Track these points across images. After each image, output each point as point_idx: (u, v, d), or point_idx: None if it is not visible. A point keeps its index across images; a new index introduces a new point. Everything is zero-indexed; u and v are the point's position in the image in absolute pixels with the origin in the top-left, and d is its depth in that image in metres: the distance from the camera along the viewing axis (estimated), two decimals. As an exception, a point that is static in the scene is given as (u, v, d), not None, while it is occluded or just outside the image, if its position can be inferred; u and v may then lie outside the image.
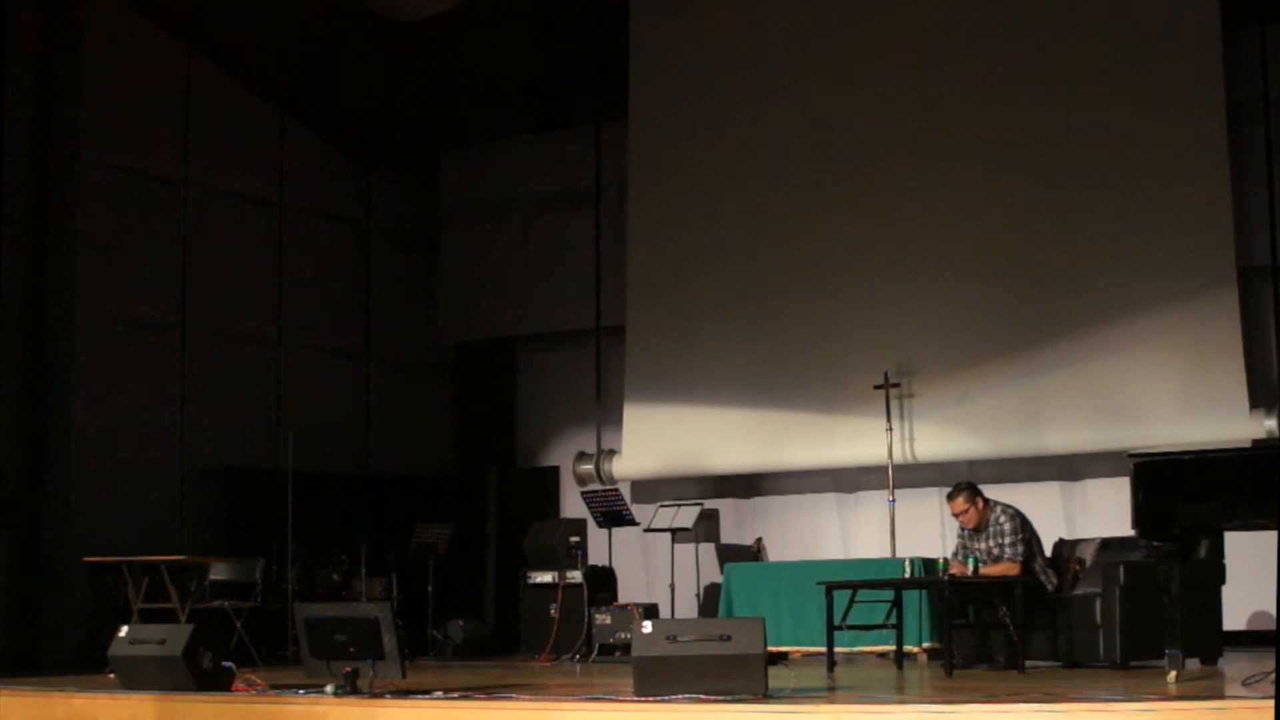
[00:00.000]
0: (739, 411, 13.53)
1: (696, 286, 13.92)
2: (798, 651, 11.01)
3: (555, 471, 15.01)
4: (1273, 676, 6.82)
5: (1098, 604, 9.27)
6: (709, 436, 13.68)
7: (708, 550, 13.23)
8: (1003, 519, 9.65)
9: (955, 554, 9.83)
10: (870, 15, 13.51)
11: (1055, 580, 9.65)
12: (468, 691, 7.80)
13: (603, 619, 11.98)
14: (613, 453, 14.29)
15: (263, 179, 14.69)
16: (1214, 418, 11.63)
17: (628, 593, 12.79)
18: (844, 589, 9.70)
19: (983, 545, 9.70)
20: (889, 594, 9.77)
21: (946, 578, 9.31)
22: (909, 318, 12.92)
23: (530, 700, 7.27)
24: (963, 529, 9.88)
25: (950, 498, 9.89)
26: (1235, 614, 10.31)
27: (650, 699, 7.06)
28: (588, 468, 14.38)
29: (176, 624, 9.87)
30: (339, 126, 15.26)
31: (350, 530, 13.26)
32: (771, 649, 8.37)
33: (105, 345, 13.21)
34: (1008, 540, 9.57)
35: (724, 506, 13.83)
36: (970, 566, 9.47)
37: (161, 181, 13.79)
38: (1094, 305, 12.35)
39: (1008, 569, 9.49)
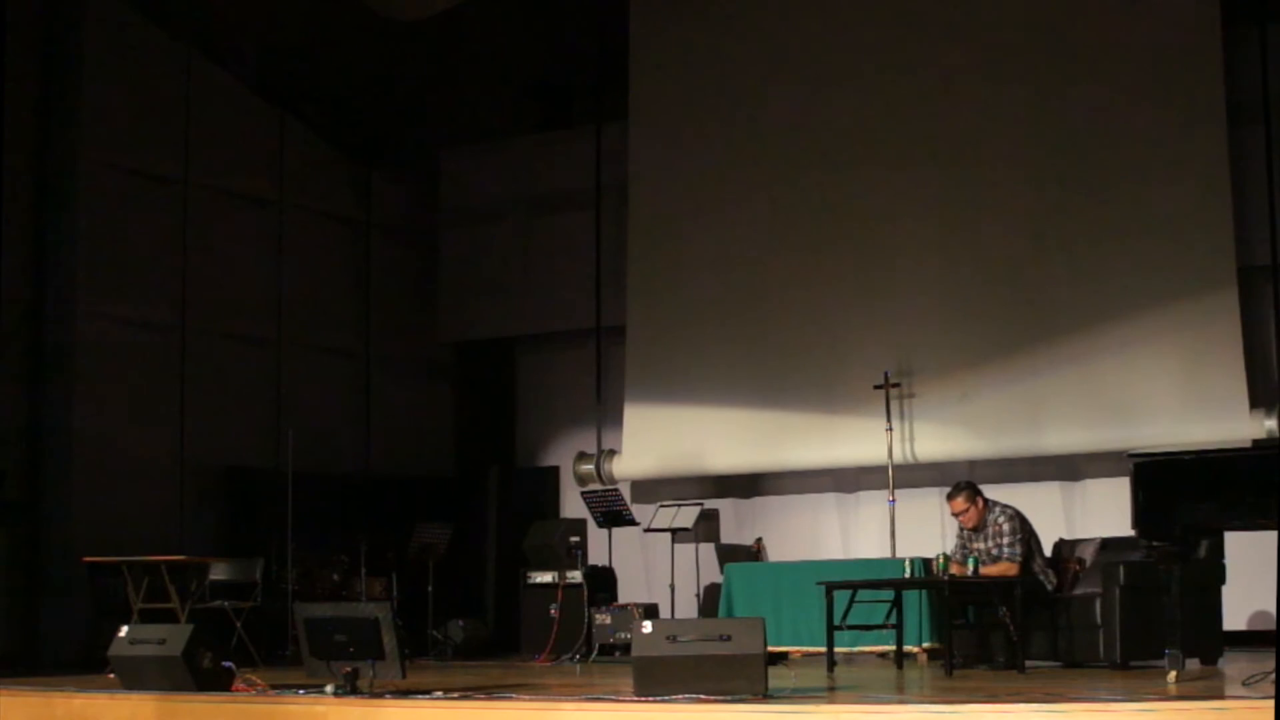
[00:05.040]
0: (739, 411, 13.53)
1: (696, 286, 13.91)
2: (798, 651, 11.01)
3: (555, 471, 15.01)
4: (1273, 676, 6.82)
5: (1098, 604, 9.28)
6: (709, 436, 13.67)
7: (708, 550, 13.23)
8: (1001, 519, 9.65)
9: (954, 553, 9.83)
10: (870, 16, 13.51)
11: (1055, 580, 9.65)
12: (468, 691, 7.79)
13: (603, 619, 11.98)
14: (613, 453, 14.29)
15: (263, 179, 14.68)
16: (1214, 418, 11.63)
17: (628, 593, 12.79)
18: (844, 589, 9.70)
19: (981, 545, 9.71)
20: (889, 594, 9.76)
21: (946, 577, 9.31)
22: (909, 318, 12.92)
23: (530, 700, 7.27)
24: (962, 528, 9.89)
25: (950, 497, 9.90)
26: (1235, 614, 10.31)
27: (650, 699, 7.05)
28: (588, 468, 14.38)
29: (176, 624, 9.87)
30: (339, 126, 15.26)
31: (350, 530, 13.26)
32: (771, 649, 8.36)
33: (105, 345, 13.21)
34: (1006, 540, 9.57)
35: (724, 506, 13.83)
36: (970, 566, 9.48)
37: (161, 181, 13.79)
38: (1094, 305, 12.35)
39: (1006, 569, 9.50)
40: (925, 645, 10.42)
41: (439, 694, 7.61)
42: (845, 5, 13.67)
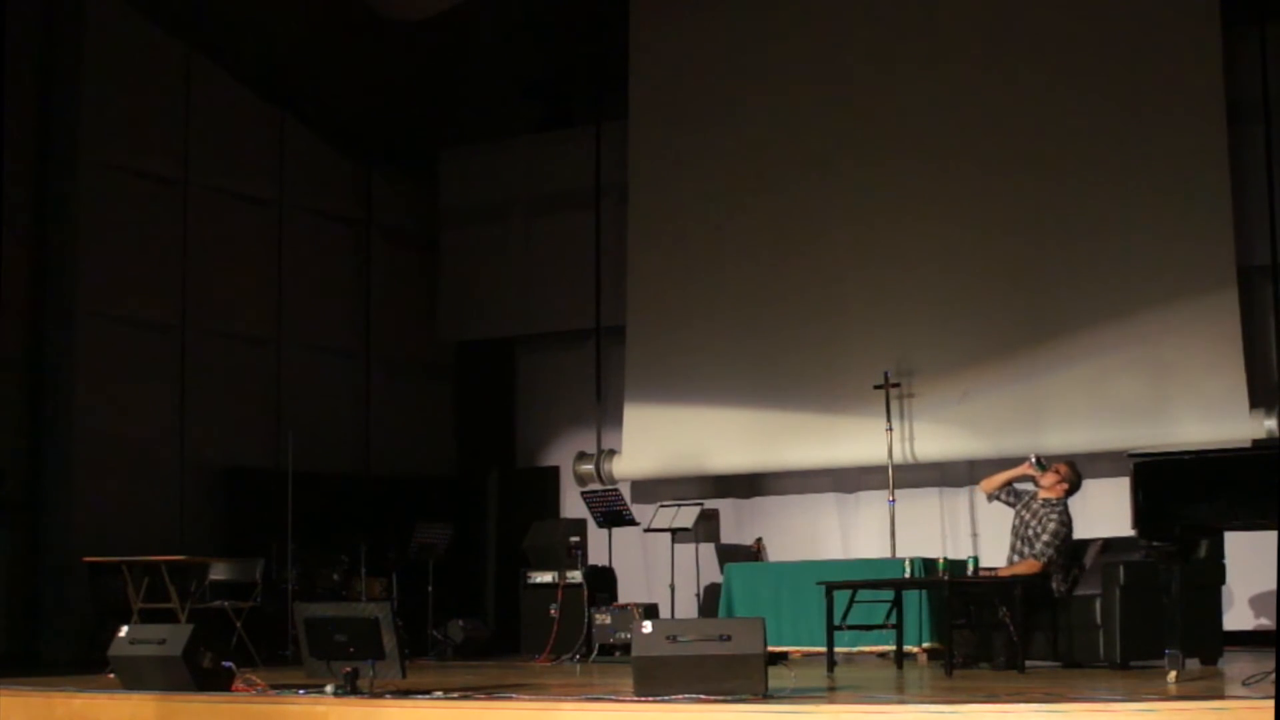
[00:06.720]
0: (739, 411, 13.53)
1: (696, 286, 13.92)
2: (798, 651, 11.02)
3: (555, 471, 15.01)
4: (1273, 676, 6.82)
5: (1098, 604, 9.27)
6: (709, 436, 13.67)
7: (708, 550, 13.23)
8: (1052, 519, 9.54)
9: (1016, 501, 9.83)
10: (870, 15, 13.51)
11: (1063, 590, 9.60)
12: (468, 691, 7.79)
13: (603, 619, 11.99)
14: (613, 453, 14.29)
15: (263, 179, 14.68)
16: (1214, 418, 11.63)
17: (628, 593, 12.79)
18: (844, 589, 9.70)
19: (1026, 516, 9.67)
20: (889, 594, 9.77)
21: (947, 578, 9.31)
22: (909, 318, 12.92)
23: (530, 700, 7.27)
24: (1029, 499, 9.81)
25: (1060, 462, 9.85)
26: (1235, 614, 10.32)
27: (650, 699, 7.05)
28: (588, 468, 14.38)
29: (176, 624, 9.87)
30: (339, 126, 15.25)
31: (350, 530, 13.26)
32: (771, 649, 8.35)
33: (105, 345, 13.21)
34: (1044, 539, 9.50)
35: (724, 506, 13.83)
36: (970, 566, 9.48)
37: (161, 181, 13.79)
38: (1094, 305, 12.34)
39: (1028, 566, 9.46)
40: (925, 645, 10.43)
41: (439, 694, 7.61)
42: (844, 5, 13.66)
